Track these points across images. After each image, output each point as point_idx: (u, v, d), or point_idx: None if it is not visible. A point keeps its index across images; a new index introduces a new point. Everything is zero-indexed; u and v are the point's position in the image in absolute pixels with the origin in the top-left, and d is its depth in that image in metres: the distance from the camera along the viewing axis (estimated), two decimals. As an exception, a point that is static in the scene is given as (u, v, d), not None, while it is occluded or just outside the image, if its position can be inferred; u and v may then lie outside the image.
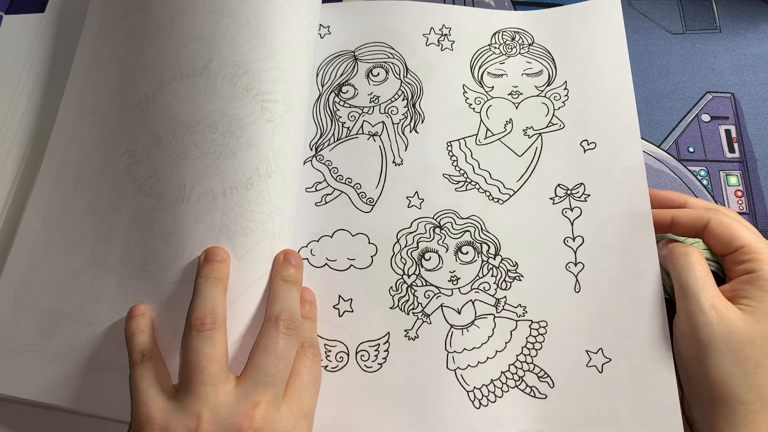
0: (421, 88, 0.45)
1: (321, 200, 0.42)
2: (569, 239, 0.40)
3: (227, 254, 0.35)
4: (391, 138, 0.44)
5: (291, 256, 0.37)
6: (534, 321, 0.38)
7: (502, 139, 0.43)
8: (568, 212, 0.41)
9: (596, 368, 0.36)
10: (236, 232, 0.36)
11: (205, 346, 0.31)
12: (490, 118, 0.44)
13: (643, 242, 0.38)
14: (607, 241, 0.39)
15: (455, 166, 0.42)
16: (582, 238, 0.40)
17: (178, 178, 0.37)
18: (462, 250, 0.40)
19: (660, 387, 0.35)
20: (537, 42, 0.46)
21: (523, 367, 0.37)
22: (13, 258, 0.40)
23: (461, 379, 0.37)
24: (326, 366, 0.38)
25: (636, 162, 0.40)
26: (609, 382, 0.36)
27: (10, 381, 0.37)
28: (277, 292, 0.35)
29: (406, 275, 0.40)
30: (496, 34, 0.47)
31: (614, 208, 0.40)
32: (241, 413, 0.30)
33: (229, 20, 0.39)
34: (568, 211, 0.41)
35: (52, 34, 0.50)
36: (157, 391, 0.32)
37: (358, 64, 0.46)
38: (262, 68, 0.39)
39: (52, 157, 0.42)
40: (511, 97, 0.44)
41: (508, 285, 0.39)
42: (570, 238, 0.40)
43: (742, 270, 0.35)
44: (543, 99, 0.44)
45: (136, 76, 0.41)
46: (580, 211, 0.40)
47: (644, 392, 0.35)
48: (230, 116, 0.37)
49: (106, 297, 0.37)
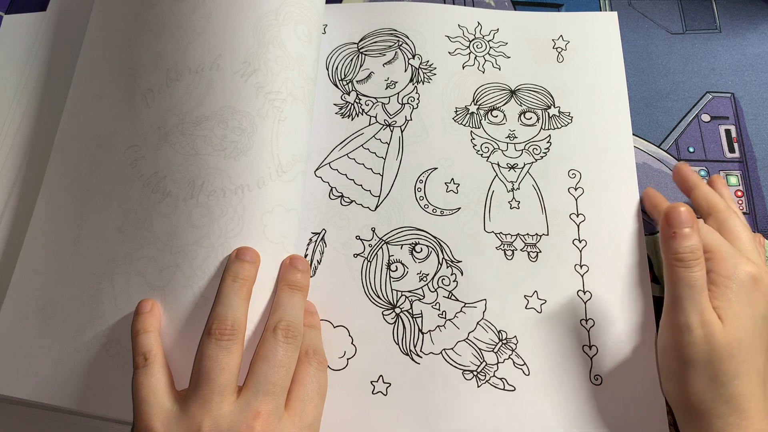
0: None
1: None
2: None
3: (257, 256, 0.35)
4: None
5: (297, 261, 0.36)
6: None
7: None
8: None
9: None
10: (249, 232, 0.36)
11: (221, 354, 0.31)
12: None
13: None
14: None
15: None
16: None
17: (187, 174, 0.37)
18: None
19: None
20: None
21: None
22: (22, 258, 0.40)
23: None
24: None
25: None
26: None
27: (10, 381, 0.37)
28: (280, 300, 0.35)
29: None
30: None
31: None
32: (241, 424, 0.30)
33: (238, 18, 0.39)
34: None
35: (54, 32, 0.50)
36: (158, 399, 0.31)
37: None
38: (272, 67, 0.39)
39: (59, 153, 0.42)
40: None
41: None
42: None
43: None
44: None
45: (141, 70, 0.40)
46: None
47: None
48: (241, 113, 0.37)
49: (111, 295, 0.36)
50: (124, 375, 0.35)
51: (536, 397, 0.37)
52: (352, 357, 0.38)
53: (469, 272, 0.40)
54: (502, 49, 0.47)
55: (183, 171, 0.37)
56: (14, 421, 0.39)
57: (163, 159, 0.38)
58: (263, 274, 0.35)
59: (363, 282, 0.40)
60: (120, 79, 0.41)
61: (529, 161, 0.43)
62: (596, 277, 0.40)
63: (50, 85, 0.48)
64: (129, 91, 0.41)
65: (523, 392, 0.37)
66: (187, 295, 0.35)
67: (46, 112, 0.47)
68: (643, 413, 0.36)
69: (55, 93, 0.47)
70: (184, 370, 0.33)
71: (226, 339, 0.32)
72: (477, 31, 0.48)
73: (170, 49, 0.40)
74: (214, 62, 0.39)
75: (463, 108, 0.45)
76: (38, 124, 0.47)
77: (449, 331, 0.39)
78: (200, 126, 0.38)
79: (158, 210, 0.37)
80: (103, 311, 0.36)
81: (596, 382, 0.37)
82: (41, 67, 0.49)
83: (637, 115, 0.46)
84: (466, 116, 0.45)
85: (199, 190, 0.36)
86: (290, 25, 0.40)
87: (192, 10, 0.40)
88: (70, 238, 0.39)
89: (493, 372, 0.37)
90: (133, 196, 0.38)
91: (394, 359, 0.38)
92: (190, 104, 0.38)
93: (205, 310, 0.34)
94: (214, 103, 0.38)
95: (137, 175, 0.38)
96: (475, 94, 0.46)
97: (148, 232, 0.37)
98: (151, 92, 0.40)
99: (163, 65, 0.40)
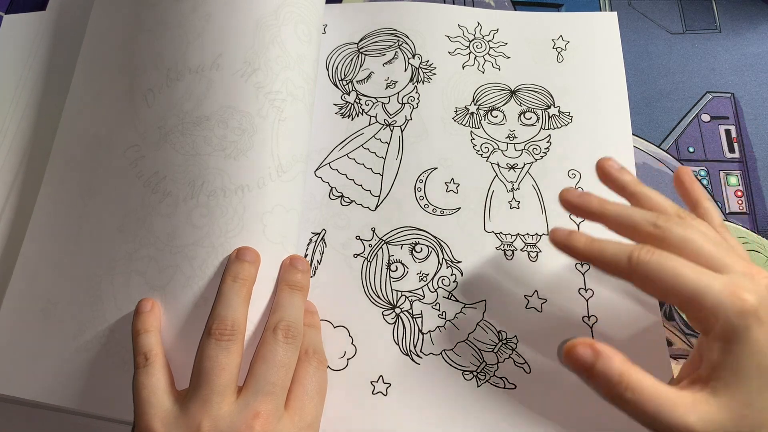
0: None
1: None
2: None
3: (258, 256, 0.35)
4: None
5: (298, 261, 0.36)
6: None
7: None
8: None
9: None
10: (249, 232, 0.36)
11: (221, 355, 0.31)
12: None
13: None
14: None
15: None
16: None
17: (187, 174, 0.37)
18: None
19: None
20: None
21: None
22: (21, 258, 0.40)
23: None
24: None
25: None
26: None
27: (10, 381, 0.37)
28: (280, 300, 0.35)
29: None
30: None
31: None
32: (241, 424, 0.30)
33: (238, 18, 0.39)
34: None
35: (54, 32, 0.50)
36: (158, 399, 0.31)
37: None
38: (272, 67, 0.39)
39: (58, 152, 0.42)
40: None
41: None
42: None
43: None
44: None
45: (141, 70, 0.40)
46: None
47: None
48: (241, 113, 0.37)
49: (111, 295, 0.36)
50: (125, 375, 0.35)
51: (538, 394, 0.37)
52: (352, 357, 0.38)
53: (469, 272, 0.40)
54: (502, 49, 0.47)
55: (183, 171, 0.37)
56: (14, 421, 0.39)
57: (163, 159, 0.38)
58: (263, 275, 0.35)
59: (363, 282, 0.40)
60: (120, 79, 0.41)
61: (529, 161, 0.43)
62: (598, 275, 0.40)
63: (50, 85, 0.48)
64: (129, 91, 0.41)
65: (524, 390, 0.37)
66: (187, 295, 0.35)
67: (45, 111, 0.47)
68: None
69: (55, 93, 0.47)
70: (185, 370, 0.33)
71: (226, 339, 0.32)
72: (477, 31, 0.48)
73: (170, 48, 0.40)
74: (214, 62, 0.39)
75: (463, 108, 0.45)
76: (38, 124, 0.47)
77: (449, 331, 0.39)
78: (200, 126, 0.38)
79: (158, 210, 0.37)
80: (103, 311, 0.36)
81: None
82: (41, 67, 0.49)
83: (637, 115, 0.46)
84: (466, 116, 0.45)
85: (199, 190, 0.36)
86: (290, 25, 0.40)
87: (192, 10, 0.40)
88: (70, 238, 0.39)
89: (493, 372, 0.37)
90: (133, 196, 0.38)
91: (394, 359, 0.38)
92: (191, 104, 0.38)
93: (205, 310, 0.34)
94: (214, 103, 0.38)
95: (137, 175, 0.38)
96: (475, 94, 0.46)
97: (148, 232, 0.37)
98: (151, 92, 0.40)
99: (163, 65, 0.40)
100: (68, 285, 0.38)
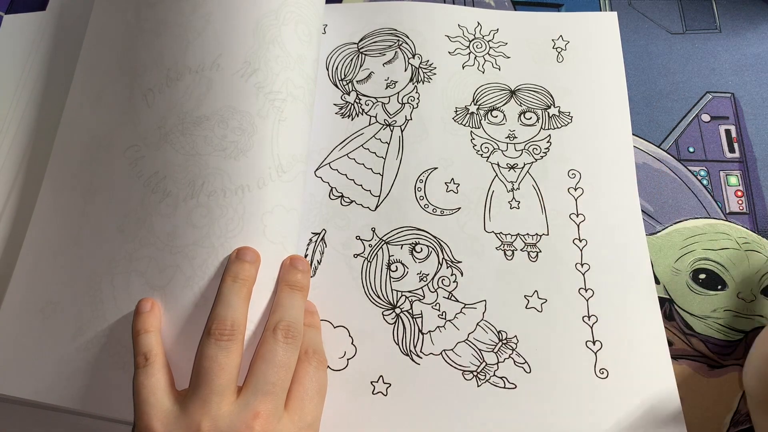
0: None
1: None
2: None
3: (258, 256, 0.35)
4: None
5: (298, 261, 0.36)
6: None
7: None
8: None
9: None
10: (249, 232, 0.36)
11: (221, 355, 0.31)
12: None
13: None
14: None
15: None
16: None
17: (187, 174, 0.37)
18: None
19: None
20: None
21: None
22: (21, 258, 0.40)
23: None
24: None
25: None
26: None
27: (10, 380, 0.37)
28: (280, 300, 0.35)
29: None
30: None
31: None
32: (241, 424, 0.30)
33: (238, 18, 0.39)
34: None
35: (54, 32, 0.50)
36: (158, 399, 0.31)
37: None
38: (272, 67, 0.39)
39: (58, 152, 0.42)
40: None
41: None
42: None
43: None
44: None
45: (142, 70, 0.40)
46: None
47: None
48: (241, 113, 0.37)
49: (111, 295, 0.36)
50: (125, 375, 0.35)
51: (538, 394, 0.37)
52: (352, 357, 0.38)
53: (468, 273, 0.40)
54: (502, 49, 0.47)
55: (183, 171, 0.37)
56: (14, 421, 0.39)
57: (163, 159, 0.38)
58: (263, 275, 0.35)
59: (363, 282, 0.40)
60: (120, 79, 0.41)
61: (529, 161, 0.43)
62: (598, 275, 0.40)
63: (50, 85, 0.48)
64: (129, 91, 0.41)
65: (524, 389, 0.37)
66: (187, 295, 0.35)
67: (45, 112, 0.47)
68: (655, 403, 0.36)
69: (55, 93, 0.47)
70: (185, 370, 0.33)
71: (226, 339, 0.32)
72: (477, 31, 0.48)
73: (170, 48, 0.40)
74: (214, 62, 0.39)
75: (463, 108, 0.45)
76: (38, 124, 0.47)
77: (449, 332, 0.39)
78: (200, 126, 0.38)
79: (158, 210, 0.37)
80: (103, 311, 0.36)
81: (602, 375, 0.37)
82: (41, 67, 0.49)
83: (637, 115, 0.46)
84: (466, 116, 0.45)
85: (199, 190, 0.36)
86: (290, 25, 0.40)
87: (192, 10, 0.40)
88: (71, 238, 0.39)
89: (493, 371, 0.37)
90: (133, 196, 0.38)
91: (394, 359, 0.38)
92: (191, 104, 0.38)
93: (205, 310, 0.34)
94: (214, 103, 0.38)
95: (137, 175, 0.38)
96: (475, 94, 0.46)
97: (148, 232, 0.37)
98: (151, 92, 0.40)
99: (164, 65, 0.40)
100: (68, 285, 0.38)
